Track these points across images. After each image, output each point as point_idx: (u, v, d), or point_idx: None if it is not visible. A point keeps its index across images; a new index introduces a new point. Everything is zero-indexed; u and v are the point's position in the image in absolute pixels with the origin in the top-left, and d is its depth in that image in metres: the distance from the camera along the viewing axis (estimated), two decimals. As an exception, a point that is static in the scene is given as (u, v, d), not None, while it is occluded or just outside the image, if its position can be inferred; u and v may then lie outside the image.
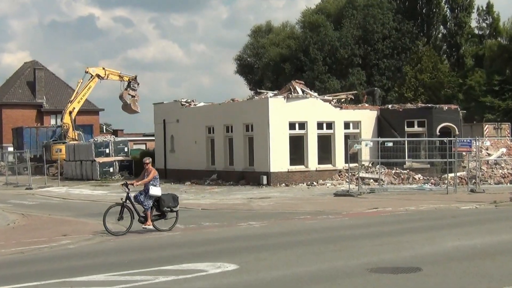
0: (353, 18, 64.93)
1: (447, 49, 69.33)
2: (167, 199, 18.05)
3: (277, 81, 65.24)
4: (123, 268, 12.46)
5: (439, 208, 22.43)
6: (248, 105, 36.95)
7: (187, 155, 40.68)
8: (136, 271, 12.07)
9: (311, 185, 33.68)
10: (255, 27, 76.66)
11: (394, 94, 61.74)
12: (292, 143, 34.65)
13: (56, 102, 70.85)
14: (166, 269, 12.09)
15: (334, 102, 37.43)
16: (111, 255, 14.54)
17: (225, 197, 29.28)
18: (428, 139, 33.20)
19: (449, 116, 35.91)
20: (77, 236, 17.34)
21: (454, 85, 60.92)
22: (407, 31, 64.79)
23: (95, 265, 13.03)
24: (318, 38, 64.26)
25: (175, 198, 18.24)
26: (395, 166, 33.59)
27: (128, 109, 50.88)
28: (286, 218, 20.80)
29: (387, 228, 17.58)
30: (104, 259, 13.94)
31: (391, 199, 25.83)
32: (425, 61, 60.24)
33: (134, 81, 51.12)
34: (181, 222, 19.03)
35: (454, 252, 13.27)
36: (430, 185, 31.14)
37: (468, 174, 30.86)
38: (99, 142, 47.44)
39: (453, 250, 13.54)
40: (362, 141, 31.79)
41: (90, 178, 44.81)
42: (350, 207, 23.12)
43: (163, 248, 15.21)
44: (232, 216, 21.66)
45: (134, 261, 13.39)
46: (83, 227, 19.51)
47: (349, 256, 13.06)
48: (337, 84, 62.26)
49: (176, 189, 35.30)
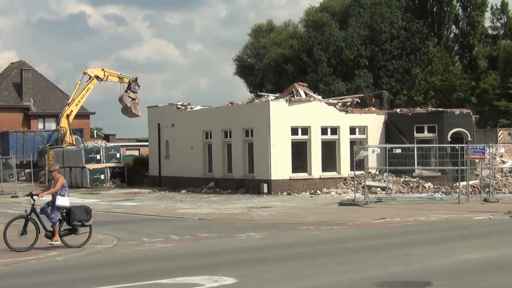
0: (359, 17, 65.06)
1: (459, 50, 69.43)
2: (78, 212, 17.08)
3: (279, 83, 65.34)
4: (114, 281, 12.44)
5: (450, 219, 22.41)
6: (248, 109, 36.98)
7: (183, 162, 40.70)
8: (128, 285, 12.06)
9: (315, 193, 33.69)
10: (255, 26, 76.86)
11: (403, 97, 61.82)
12: (295, 149, 34.67)
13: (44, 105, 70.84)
14: (160, 283, 12.07)
15: (339, 106, 37.46)
16: (102, 267, 14.53)
17: (223, 206, 29.26)
18: (439, 145, 33.21)
19: (461, 121, 35.95)
20: (65, 248, 17.31)
21: (466, 88, 61.00)
22: (416, 30, 64.90)
23: (85, 279, 13.03)
24: (322, 38, 64.37)
25: (87, 210, 17.25)
26: (403, 174, 33.59)
27: (128, 113, 50.97)
28: (288, 229, 20.79)
29: (395, 240, 17.58)
30: (94, 272, 13.93)
31: (399, 209, 25.83)
32: (435, 63, 60.33)
33: (135, 83, 51.25)
34: (176, 233, 19.04)
35: (466, 265, 13.27)
36: (441, 194, 31.15)
37: (481, 182, 30.87)
38: (90, 147, 47.44)
39: (465, 263, 13.53)
40: (368, 147, 31.81)
41: (80, 186, 44.80)
42: (356, 218, 23.10)
43: (156, 260, 15.20)
44: (230, 227, 21.64)
45: (126, 274, 13.38)
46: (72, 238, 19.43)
47: (354, 269, 13.05)
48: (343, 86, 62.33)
49: (172, 197, 35.37)
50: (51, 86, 74.91)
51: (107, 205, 31.77)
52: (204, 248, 17.21)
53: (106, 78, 51.29)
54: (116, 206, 31.25)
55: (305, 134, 34.95)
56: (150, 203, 32.32)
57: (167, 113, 42.74)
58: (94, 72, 51.08)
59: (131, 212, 27.98)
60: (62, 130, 51.95)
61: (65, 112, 51.76)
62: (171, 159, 42.52)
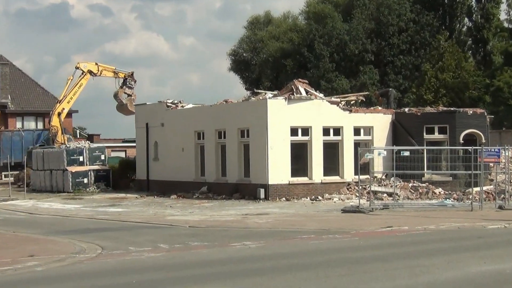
0: (364, 9, 65.13)
1: (473, 44, 69.56)
2: None
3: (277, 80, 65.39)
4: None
5: (462, 227, 22.45)
6: (244, 107, 37.00)
7: (173, 164, 40.69)
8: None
9: (316, 199, 33.71)
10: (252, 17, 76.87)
11: (412, 95, 61.90)
12: (294, 152, 34.69)
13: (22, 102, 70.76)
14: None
15: (342, 104, 37.51)
16: (85, 279, 14.51)
17: (216, 213, 29.27)
18: (450, 147, 33.25)
19: (475, 122, 36.00)
20: (46, 257, 17.29)
21: (480, 86, 61.13)
22: (426, 23, 64.99)
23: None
24: (324, 31, 64.43)
25: None
26: (412, 178, 33.60)
27: (124, 110, 51.01)
28: (286, 237, 20.80)
29: (403, 250, 17.59)
30: (76, 284, 13.92)
31: (407, 216, 25.86)
32: (447, 58, 60.43)
33: (131, 78, 51.33)
34: (166, 242, 19.02)
35: (479, 278, 13.29)
36: (452, 201, 31.18)
37: (496, 188, 30.90)
38: (72, 148, 47.42)
39: (478, 276, 13.55)
40: (374, 149, 31.82)
41: (61, 190, 44.78)
42: (360, 226, 23.13)
43: (144, 271, 15.19)
44: (224, 235, 21.65)
45: (111, 286, 13.36)
46: (53, 247, 19.48)
47: (358, 281, 13.06)
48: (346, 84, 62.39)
49: (161, 203, 35.37)
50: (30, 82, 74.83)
51: (90, 211, 31.75)
52: (196, 258, 17.21)
53: (100, 73, 51.38)
54: (101, 212, 31.22)
55: (305, 135, 34.96)
56: (138, 209, 32.32)
57: (156, 111, 42.73)
58: (87, 67, 51.10)
59: (117, 219, 27.96)
60: (53, 129, 51.99)
61: (56, 110, 51.81)
62: (160, 162, 42.51)
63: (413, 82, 63.97)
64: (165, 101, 42.53)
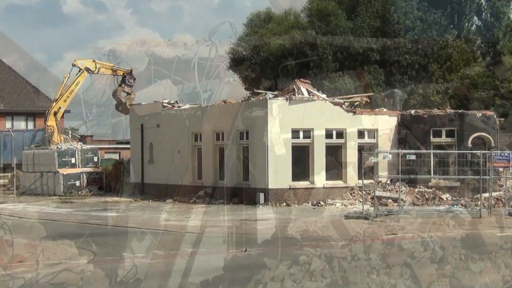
0: (369, 6, 65.02)
1: (482, 44, 69.56)
2: None
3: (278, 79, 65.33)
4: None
5: (470, 235, 22.44)
6: (243, 108, 36.98)
7: (169, 167, 40.66)
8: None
9: (318, 205, 33.68)
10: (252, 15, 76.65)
11: (418, 97, 61.81)
12: (295, 155, 34.67)
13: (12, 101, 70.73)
14: (142, 305, 12.06)
15: (346, 105, 37.48)
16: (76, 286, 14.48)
17: (214, 218, 29.26)
18: (458, 151, 33.23)
19: (484, 125, 35.99)
20: (35, 263, 17.27)
21: (490, 88, 61.06)
22: (434, 22, 64.98)
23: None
24: (327, 29, 64.35)
25: None
26: (418, 183, 33.62)
27: (123, 109, 51.01)
28: (287, 244, 20.77)
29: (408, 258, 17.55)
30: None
31: (413, 223, 25.86)
32: (455, 58, 60.43)
33: (130, 75, 51.29)
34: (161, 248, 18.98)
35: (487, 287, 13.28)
36: (460, 207, 31.16)
37: (506, 194, 30.89)
38: (64, 150, 47.38)
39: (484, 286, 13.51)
40: (379, 153, 31.81)
41: (52, 193, 44.73)
42: (363, 232, 23.11)
43: (138, 279, 15.16)
44: (222, 242, 21.64)
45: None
46: (44, 253, 19.43)
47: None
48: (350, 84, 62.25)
49: (156, 207, 35.34)
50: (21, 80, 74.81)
51: (82, 215, 31.71)
52: (192, 265, 17.18)
53: (98, 71, 51.35)
54: (93, 216, 31.17)
55: (307, 137, 34.95)
56: (132, 214, 32.28)
57: (152, 112, 42.71)
58: (84, 64, 51.05)
59: (110, 224, 27.95)
60: (50, 129, 51.96)
61: (52, 109, 51.81)
62: (155, 164, 42.48)
63: (419, 83, 63.93)
64: (161, 101, 42.52)
